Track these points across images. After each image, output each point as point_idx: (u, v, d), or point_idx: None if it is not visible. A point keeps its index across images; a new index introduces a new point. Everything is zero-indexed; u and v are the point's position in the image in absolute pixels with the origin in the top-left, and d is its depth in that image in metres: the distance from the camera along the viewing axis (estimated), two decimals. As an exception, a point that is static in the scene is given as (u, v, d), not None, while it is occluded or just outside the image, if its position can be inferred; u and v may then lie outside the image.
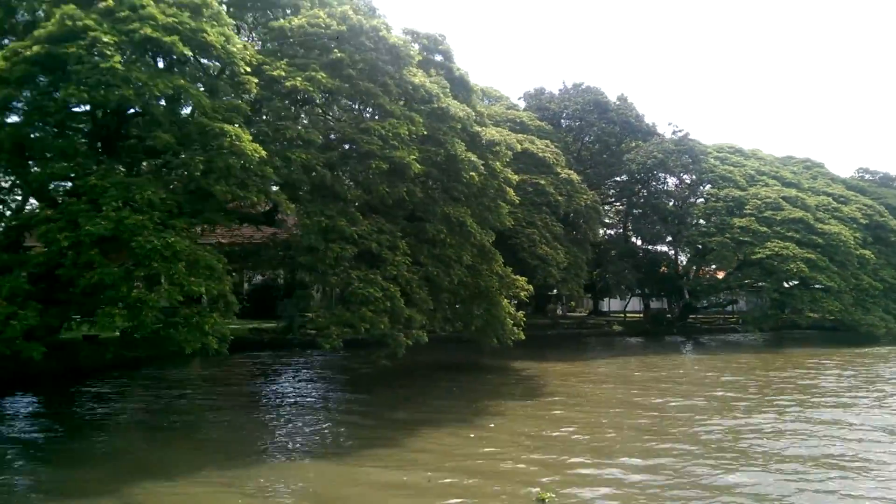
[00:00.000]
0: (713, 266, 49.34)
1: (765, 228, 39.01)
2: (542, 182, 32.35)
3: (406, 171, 15.39)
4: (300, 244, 14.21)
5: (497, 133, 20.80)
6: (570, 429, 13.85)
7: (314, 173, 13.89)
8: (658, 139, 40.13)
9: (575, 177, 34.59)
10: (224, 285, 12.08)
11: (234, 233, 22.69)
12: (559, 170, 34.08)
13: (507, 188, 22.33)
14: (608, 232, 52.23)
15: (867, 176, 75.04)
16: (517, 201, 23.40)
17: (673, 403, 17.67)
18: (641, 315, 56.64)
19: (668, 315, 53.04)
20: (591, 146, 46.11)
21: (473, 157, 17.41)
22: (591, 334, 46.33)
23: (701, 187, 44.84)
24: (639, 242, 48.82)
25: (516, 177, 26.64)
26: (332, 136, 15.17)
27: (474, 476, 10.28)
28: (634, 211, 45.95)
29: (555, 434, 13.45)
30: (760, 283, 40.70)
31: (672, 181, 45.92)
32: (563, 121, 44.09)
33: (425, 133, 16.85)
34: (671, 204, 43.92)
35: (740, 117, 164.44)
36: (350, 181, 15.10)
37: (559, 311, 68.41)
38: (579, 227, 35.26)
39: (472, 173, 17.61)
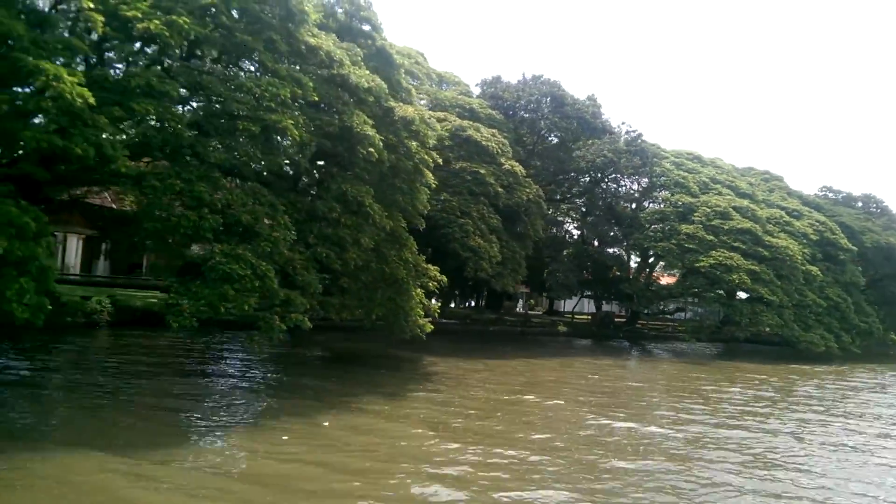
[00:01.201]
0: (669, 272, 48.86)
1: (711, 237, 38.33)
2: (483, 171, 31.05)
3: (284, 139, 13.95)
4: (149, 209, 12.66)
5: (414, 111, 19.31)
6: (419, 431, 12.61)
7: (170, 130, 12.35)
8: (610, 138, 39.03)
9: (519, 169, 33.34)
10: (38, 248, 10.56)
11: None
12: (503, 160, 32.81)
13: (426, 171, 20.90)
14: (564, 230, 51.40)
15: (830, 195, 75.35)
16: (434, 185, 21.92)
17: (547, 403, 16.70)
18: (590, 317, 56.08)
19: (617, 319, 52.48)
20: (546, 141, 44.94)
21: (371, 132, 15.97)
22: (534, 333, 45.38)
23: (655, 192, 44.06)
24: (596, 244, 47.99)
25: (437, 159, 25.21)
26: (201, 92, 13.60)
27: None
28: (587, 210, 44.94)
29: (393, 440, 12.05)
30: (703, 293, 40.07)
31: (628, 183, 45.20)
32: (520, 112, 42.80)
33: (317, 99, 15.39)
34: (623, 206, 42.85)
35: (715, 129, 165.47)
36: (218, 144, 13.58)
37: (520, 309, 67.61)
38: (521, 221, 34.01)
39: (370, 149, 16.18)
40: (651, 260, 46.99)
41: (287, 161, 15.21)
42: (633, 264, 48.52)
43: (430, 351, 25.74)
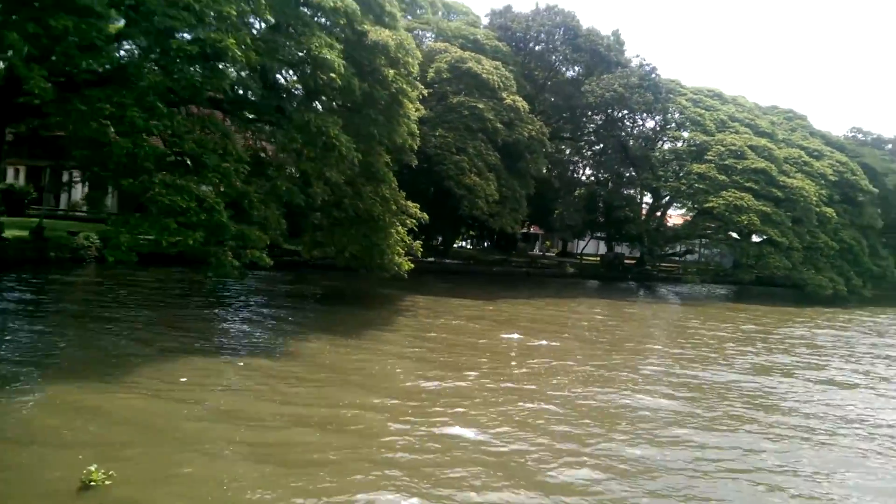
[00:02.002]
0: (683, 212, 47.36)
1: (723, 177, 36.71)
2: (481, 106, 29.65)
3: (227, 62, 12.94)
4: (76, 135, 11.88)
5: (391, 36, 17.94)
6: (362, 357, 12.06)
7: (96, 48, 11.43)
8: (622, 72, 36.99)
9: (522, 104, 31.80)
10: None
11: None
12: (504, 95, 31.30)
13: (406, 102, 19.74)
14: (574, 169, 49.82)
15: (860, 136, 72.41)
16: (414, 117, 20.74)
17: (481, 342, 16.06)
18: (600, 259, 55.08)
19: (628, 261, 51.41)
20: (559, 76, 42.93)
21: (332, 56, 14.82)
22: (540, 275, 44.62)
23: (670, 130, 42.15)
24: (609, 184, 46.47)
25: (421, 89, 24.01)
26: (139, 8, 12.53)
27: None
28: (600, 150, 43.22)
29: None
30: (713, 234, 38.73)
31: (644, 121, 43.27)
32: (530, 45, 40.78)
33: (274, 21, 14.30)
34: (637, 145, 41.04)
35: (744, 68, 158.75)
36: (154, 66, 12.64)
37: (537, 251, 66.69)
38: (522, 158, 32.74)
39: (332, 75, 15.09)
40: (665, 201, 45.59)
41: (242, 88, 14.21)
42: (645, 205, 47.12)
43: (423, 290, 25.21)
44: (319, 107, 17.91)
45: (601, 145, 44.35)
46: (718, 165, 37.25)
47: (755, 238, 38.91)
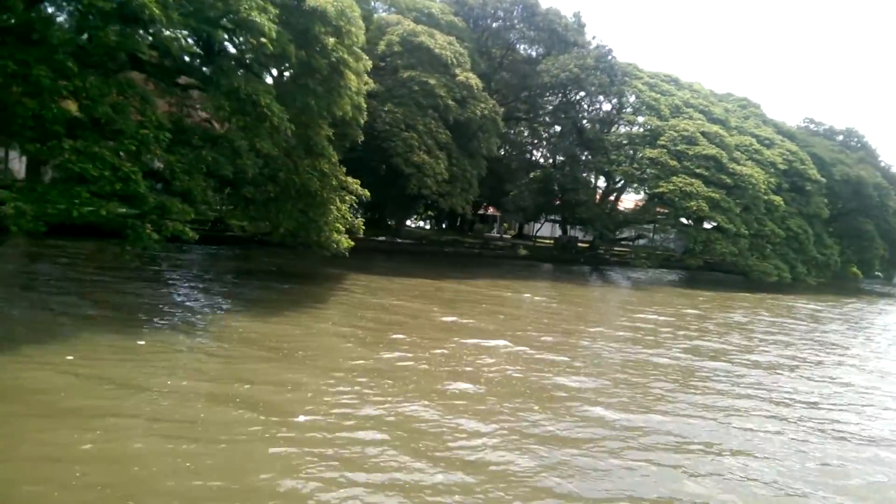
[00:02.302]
0: (641, 196, 47.58)
1: (675, 162, 36.92)
2: (432, 82, 29.00)
3: (148, 20, 12.11)
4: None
5: (330, 2, 17.24)
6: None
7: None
8: (578, 53, 36.67)
9: (475, 82, 31.22)
10: None
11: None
12: (458, 72, 30.68)
13: (349, 73, 19.04)
14: (528, 150, 49.55)
15: (812, 126, 74.03)
16: (356, 89, 20.02)
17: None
18: (553, 242, 55.28)
19: (582, 244, 51.67)
20: (516, 54, 42.39)
21: (262, 19, 14.05)
22: (492, 256, 44.50)
23: (625, 113, 42.17)
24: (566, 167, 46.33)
25: (365, 60, 23.42)
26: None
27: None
28: (550, 131, 42.96)
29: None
30: (663, 220, 39.04)
31: (601, 104, 43.09)
32: (487, 20, 40.10)
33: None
34: (592, 128, 40.89)
35: (706, 56, 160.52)
36: (67, 24, 11.82)
37: (495, 233, 66.45)
38: (475, 138, 32.27)
39: (262, 39, 14.35)
40: (619, 185, 45.81)
41: (164, 51, 13.39)
42: (599, 189, 47.23)
43: (369, 269, 24.87)
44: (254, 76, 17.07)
45: (558, 127, 44.09)
46: (671, 151, 37.45)
47: (706, 225, 39.42)
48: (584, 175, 39.27)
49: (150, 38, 13.21)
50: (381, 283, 22.40)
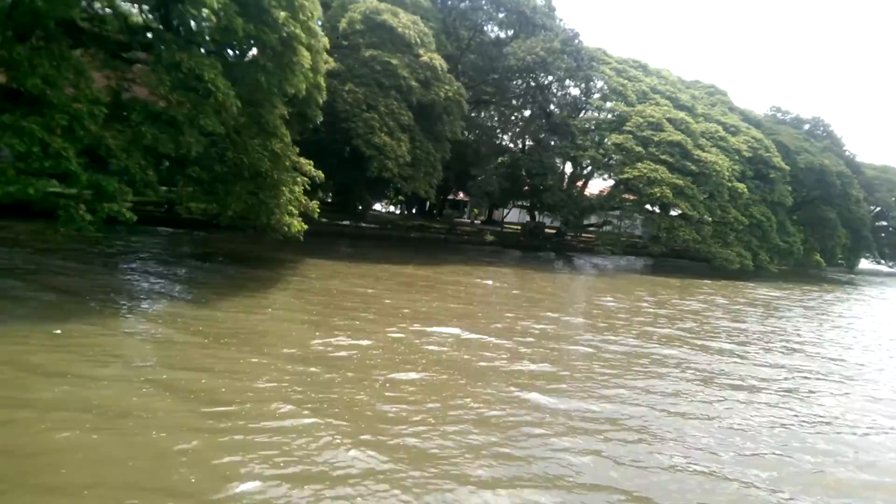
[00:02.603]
0: (607, 182, 47.59)
1: (640, 148, 36.93)
2: (395, 62, 28.44)
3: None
4: None
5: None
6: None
7: None
8: (546, 36, 36.31)
9: (439, 63, 30.68)
10: None
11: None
12: (421, 52, 30.12)
13: (301, 49, 18.42)
14: (495, 133, 49.16)
15: (779, 115, 74.87)
16: (309, 65, 19.31)
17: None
18: (521, 228, 55.19)
19: (549, 230, 51.66)
20: (484, 36, 41.87)
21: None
22: (458, 241, 44.23)
23: (592, 98, 41.99)
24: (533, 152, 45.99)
25: (321, 37, 22.90)
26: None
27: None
28: (517, 115, 42.59)
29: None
30: (629, 206, 39.10)
31: (570, 88, 42.81)
32: (456, 1, 39.45)
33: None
34: (559, 112, 40.63)
35: (679, 42, 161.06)
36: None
37: (466, 218, 66.04)
38: (439, 120, 31.79)
39: (204, 10, 13.78)
40: (587, 171, 45.74)
41: (100, 21, 12.80)
42: (567, 174, 47.09)
43: (328, 254, 24.48)
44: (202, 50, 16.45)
45: (526, 112, 43.79)
46: (637, 136, 37.45)
47: (672, 212, 39.61)
48: (552, 160, 38.93)
49: (98, 7, 12.53)
50: (339, 269, 21.99)
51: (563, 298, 22.52)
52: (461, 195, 66.55)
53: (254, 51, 19.01)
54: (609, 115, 40.34)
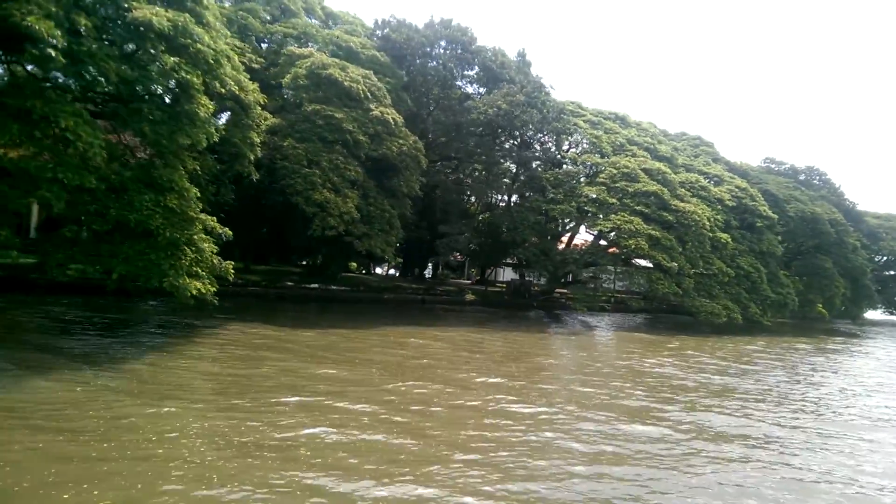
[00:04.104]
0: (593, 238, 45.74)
1: (614, 200, 35.18)
2: (339, 116, 27.20)
3: None
4: None
5: (164, 15, 15.23)
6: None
7: None
8: (509, 89, 35.18)
9: (392, 117, 29.46)
10: None
11: None
12: (372, 106, 28.98)
13: (202, 99, 16.98)
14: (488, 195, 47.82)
15: (773, 166, 73.62)
16: (208, 115, 17.70)
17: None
18: (505, 286, 53.14)
19: (535, 288, 49.57)
20: (451, 93, 41.01)
21: (41, 26, 12.06)
22: (437, 303, 42.12)
23: (564, 152, 40.65)
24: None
25: (256, 93, 22.01)
26: None
27: None
28: (479, 170, 41.02)
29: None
30: (606, 260, 37.05)
31: (541, 143, 41.54)
32: (417, 58, 38.68)
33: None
34: (526, 168, 39.19)
35: (670, 99, 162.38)
36: None
37: (466, 280, 63.87)
38: (397, 176, 30.36)
39: (49, 51, 12.34)
40: (570, 226, 44.03)
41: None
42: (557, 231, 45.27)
43: (267, 319, 22.46)
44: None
45: (502, 167, 42.41)
46: (610, 188, 35.77)
47: (648, 264, 37.50)
48: (525, 215, 37.19)
49: None
50: (269, 335, 19.89)
51: (506, 358, 20.09)
52: (458, 256, 65.02)
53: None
54: (582, 168, 38.82)
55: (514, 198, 44.14)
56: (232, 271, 19.25)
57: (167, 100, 17.28)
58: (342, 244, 29.12)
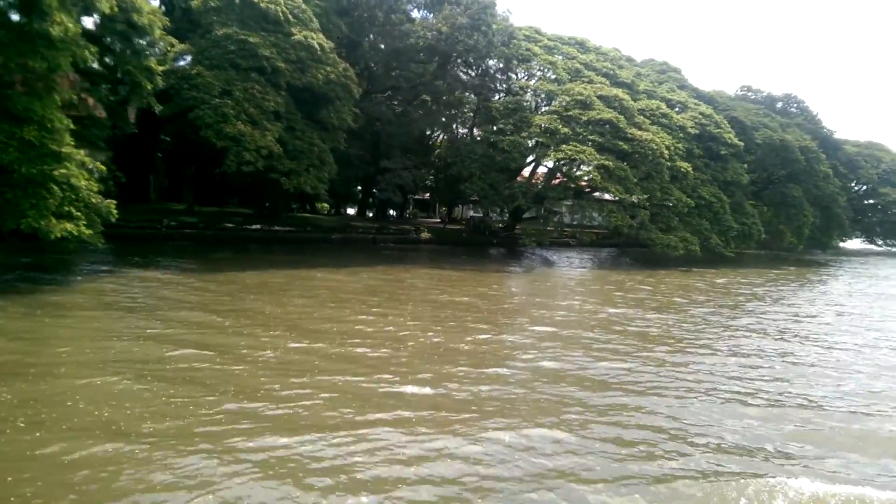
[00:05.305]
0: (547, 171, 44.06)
1: (565, 129, 33.30)
2: (253, 40, 24.98)
3: None
4: None
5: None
6: None
7: None
8: (450, 11, 32.65)
9: (319, 42, 27.16)
10: None
11: None
12: (294, 30, 26.72)
13: (59, 15, 14.93)
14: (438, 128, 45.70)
15: (749, 94, 71.67)
16: (63, 34, 15.77)
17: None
18: (464, 224, 51.77)
19: (499, 225, 48.17)
20: (398, 17, 38.26)
21: None
22: (387, 241, 40.65)
23: (516, 78, 38.48)
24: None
25: (158, 17, 19.91)
26: None
27: None
28: (425, 99, 38.66)
29: None
30: (552, 193, 35.34)
31: (487, 69, 39.14)
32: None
33: None
34: (475, 96, 37.08)
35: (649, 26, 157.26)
36: None
37: (439, 219, 62.11)
38: (325, 106, 28.31)
39: None
40: (530, 159, 42.15)
41: None
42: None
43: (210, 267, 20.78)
44: None
45: (455, 97, 40.18)
46: (562, 116, 33.85)
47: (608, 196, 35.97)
48: (471, 148, 35.26)
49: None
50: (174, 279, 18.29)
51: (423, 293, 18.73)
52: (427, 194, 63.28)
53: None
54: (535, 97, 36.79)
55: (476, 131, 42.23)
56: (115, 211, 17.52)
57: (14, 18, 15.29)
58: (270, 182, 27.37)
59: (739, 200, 42.15)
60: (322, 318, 13.66)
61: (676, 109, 41.83)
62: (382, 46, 34.26)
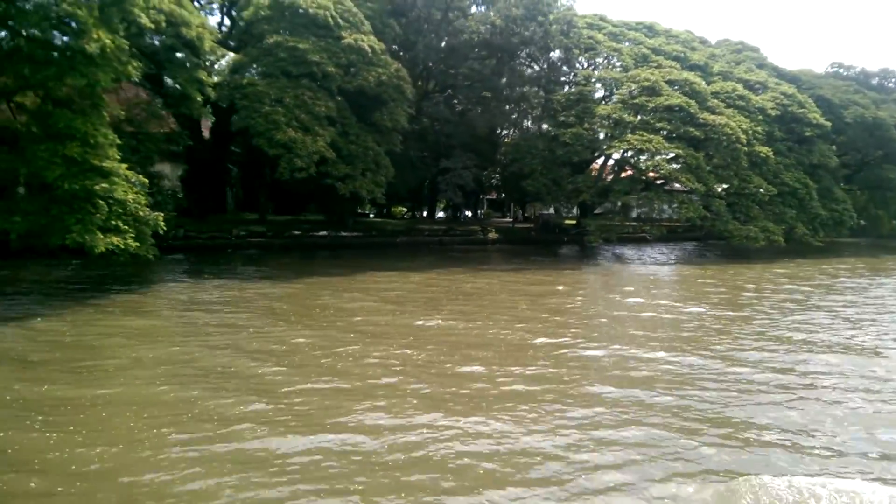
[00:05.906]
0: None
1: (631, 118, 31.62)
2: (303, 46, 24.87)
3: None
4: None
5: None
6: None
7: None
8: (505, 4, 31.53)
9: (372, 44, 26.83)
10: None
11: None
12: (344, 34, 26.47)
13: (99, 33, 15.06)
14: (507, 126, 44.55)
15: (841, 70, 66.92)
16: (99, 52, 15.84)
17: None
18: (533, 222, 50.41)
19: (568, 222, 46.69)
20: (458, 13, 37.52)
21: None
22: (454, 243, 39.97)
23: (575, 67, 36.91)
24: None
25: (208, 30, 19.98)
26: None
27: None
28: (485, 95, 37.50)
29: None
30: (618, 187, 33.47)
31: (547, 61, 37.71)
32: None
33: None
34: (530, 90, 35.78)
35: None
36: None
37: (511, 218, 61.33)
38: (378, 109, 27.96)
39: None
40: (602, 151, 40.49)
41: None
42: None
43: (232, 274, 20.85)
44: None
45: (518, 92, 38.99)
46: (627, 104, 32.16)
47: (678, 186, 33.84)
48: (532, 143, 34.03)
49: None
50: (234, 287, 18.19)
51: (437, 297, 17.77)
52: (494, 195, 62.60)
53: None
54: (599, 86, 35.18)
55: (544, 126, 40.90)
56: (163, 224, 17.60)
57: (62, 39, 15.55)
58: (331, 188, 27.19)
59: (828, 185, 38.91)
60: (383, 322, 13.03)
61: (756, 90, 39.03)
62: (442, 45, 33.51)
